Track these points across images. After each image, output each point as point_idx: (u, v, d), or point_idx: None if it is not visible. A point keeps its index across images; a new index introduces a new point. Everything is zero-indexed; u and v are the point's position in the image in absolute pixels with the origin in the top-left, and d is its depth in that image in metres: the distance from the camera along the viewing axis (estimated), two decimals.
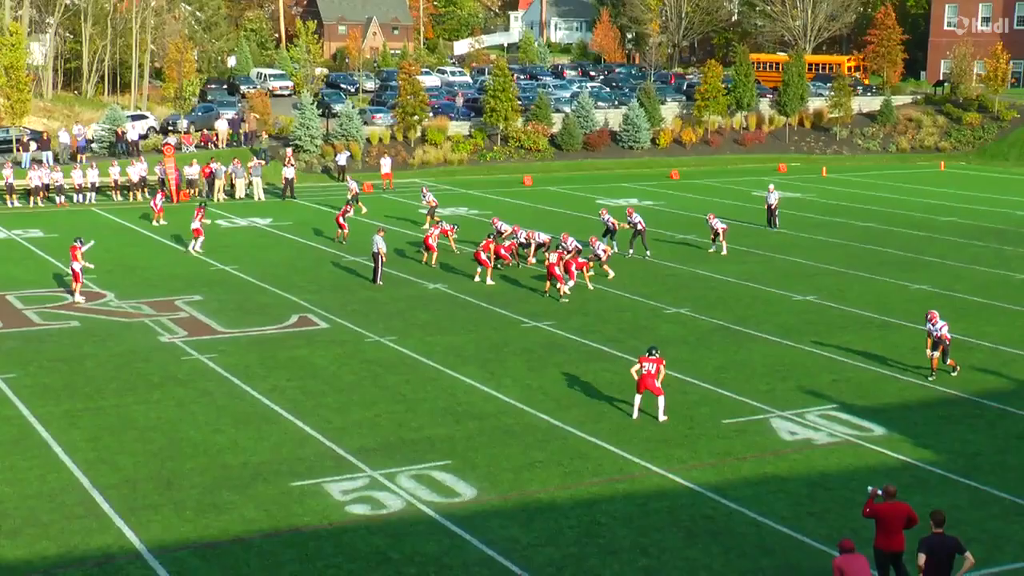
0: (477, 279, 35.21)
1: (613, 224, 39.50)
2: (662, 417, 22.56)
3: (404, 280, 35.77)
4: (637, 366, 22.64)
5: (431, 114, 68.28)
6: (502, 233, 38.79)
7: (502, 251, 36.99)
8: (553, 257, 28.61)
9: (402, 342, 28.37)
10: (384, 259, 35.08)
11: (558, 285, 31.26)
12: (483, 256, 35.38)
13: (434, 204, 44.49)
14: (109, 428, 22.03)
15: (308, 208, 52.14)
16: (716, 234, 39.67)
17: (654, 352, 22.63)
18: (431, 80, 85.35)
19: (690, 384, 25.06)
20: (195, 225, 40.06)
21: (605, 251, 35.94)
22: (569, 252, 34.63)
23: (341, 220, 41.79)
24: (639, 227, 39.15)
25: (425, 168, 64.23)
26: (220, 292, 33.98)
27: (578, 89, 79.08)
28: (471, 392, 24.49)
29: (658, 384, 22.46)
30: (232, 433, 21.82)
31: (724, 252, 39.31)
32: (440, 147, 65.80)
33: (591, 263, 35.57)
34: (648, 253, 39.29)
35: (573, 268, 30.42)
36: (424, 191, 45.82)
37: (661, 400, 22.65)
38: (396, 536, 17.42)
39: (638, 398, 22.76)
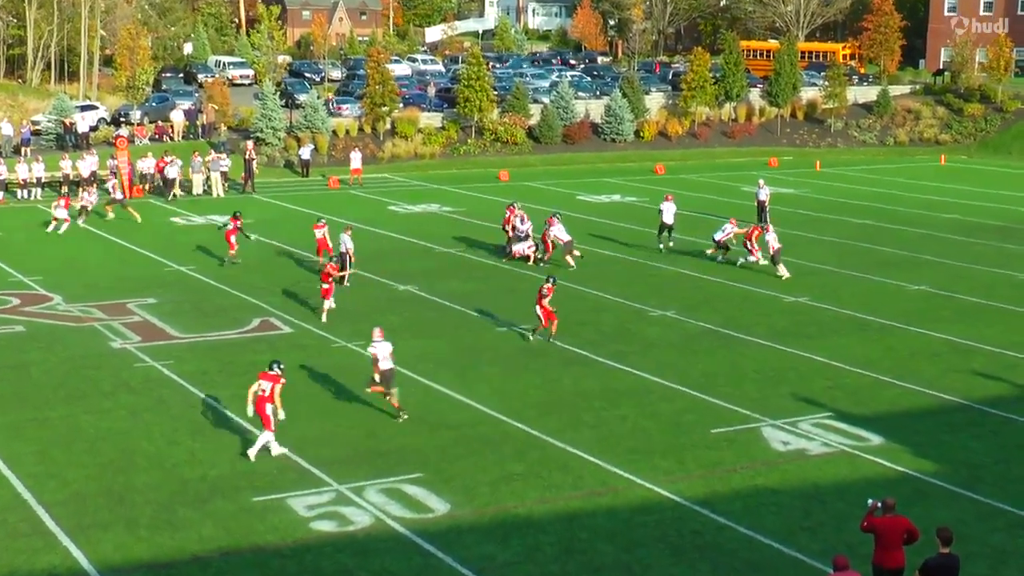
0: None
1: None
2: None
3: (372, 281, 35.71)
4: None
5: (401, 105, 68.12)
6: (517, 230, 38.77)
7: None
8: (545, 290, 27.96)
9: (367, 345, 28.21)
10: (352, 259, 34.99)
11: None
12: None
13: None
14: (56, 440, 21.89)
15: (270, 205, 51.97)
16: (722, 247, 38.78)
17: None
18: (401, 69, 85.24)
19: (676, 391, 25.10)
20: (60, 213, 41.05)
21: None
22: (521, 238, 37.64)
23: (232, 239, 37.81)
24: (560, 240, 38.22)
25: (395, 162, 64.17)
26: (176, 294, 33.83)
27: (557, 79, 79.10)
28: (444, 400, 24.46)
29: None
30: (189, 445, 21.71)
31: (783, 274, 36.14)
32: (411, 140, 65.74)
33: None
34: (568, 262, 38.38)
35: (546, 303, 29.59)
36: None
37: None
38: (364, 554, 17.38)
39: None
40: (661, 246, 39.78)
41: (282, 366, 21.64)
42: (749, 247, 37.40)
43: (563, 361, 27.40)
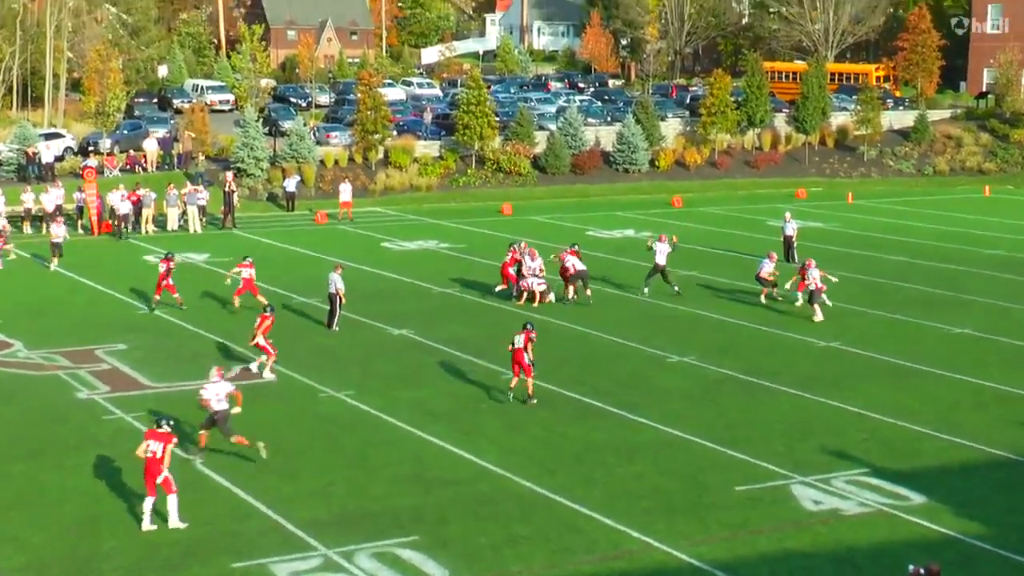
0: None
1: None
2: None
3: (364, 324, 35.72)
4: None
5: (395, 132, 68.38)
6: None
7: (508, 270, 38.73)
8: (520, 340, 27.68)
9: (361, 397, 28.29)
10: (343, 300, 35.04)
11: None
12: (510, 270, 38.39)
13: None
14: (16, 500, 21.83)
15: (251, 241, 52.07)
16: (769, 281, 38.74)
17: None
18: (395, 93, 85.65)
19: (697, 444, 25.04)
20: None
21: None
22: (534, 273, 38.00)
23: (168, 281, 37.35)
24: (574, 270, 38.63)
25: (388, 195, 64.32)
26: (148, 339, 33.83)
27: (565, 103, 79.45)
28: (442, 455, 24.41)
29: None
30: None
31: (817, 316, 36.36)
32: (406, 170, 65.94)
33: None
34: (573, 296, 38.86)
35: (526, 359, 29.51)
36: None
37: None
38: None
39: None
40: (647, 290, 39.59)
41: (171, 423, 21.35)
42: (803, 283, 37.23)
43: (572, 412, 27.35)
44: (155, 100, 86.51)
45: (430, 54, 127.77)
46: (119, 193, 53.44)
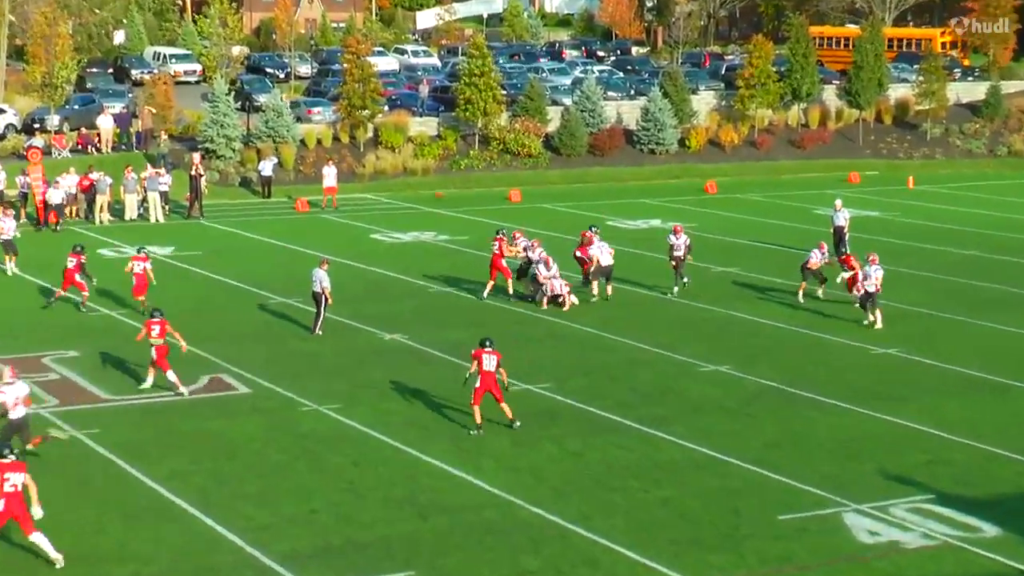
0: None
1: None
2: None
3: (351, 328, 35.79)
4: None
5: (386, 108, 68.48)
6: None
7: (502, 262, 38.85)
8: (491, 362, 27.30)
9: (348, 411, 28.35)
10: (329, 301, 35.11)
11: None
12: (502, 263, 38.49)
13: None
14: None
15: (221, 233, 52.19)
16: (817, 275, 38.87)
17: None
18: (386, 62, 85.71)
19: (732, 465, 25.07)
20: None
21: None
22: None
23: (77, 277, 37.95)
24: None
25: (379, 179, 64.40)
26: (103, 346, 33.89)
27: (581, 74, 79.51)
28: (439, 477, 24.47)
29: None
30: (119, 534, 21.73)
31: (877, 323, 36.07)
32: (399, 151, 66.03)
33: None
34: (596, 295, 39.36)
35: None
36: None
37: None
38: None
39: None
40: (676, 288, 39.75)
41: (16, 451, 21.28)
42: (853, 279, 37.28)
43: (588, 428, 27.39)
44: (110, 70, 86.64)
45: (427, 18, 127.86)
46: (70, 177, 53.60)
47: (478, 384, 26.72)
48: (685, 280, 39.81)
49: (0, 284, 41.65)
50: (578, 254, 40.06)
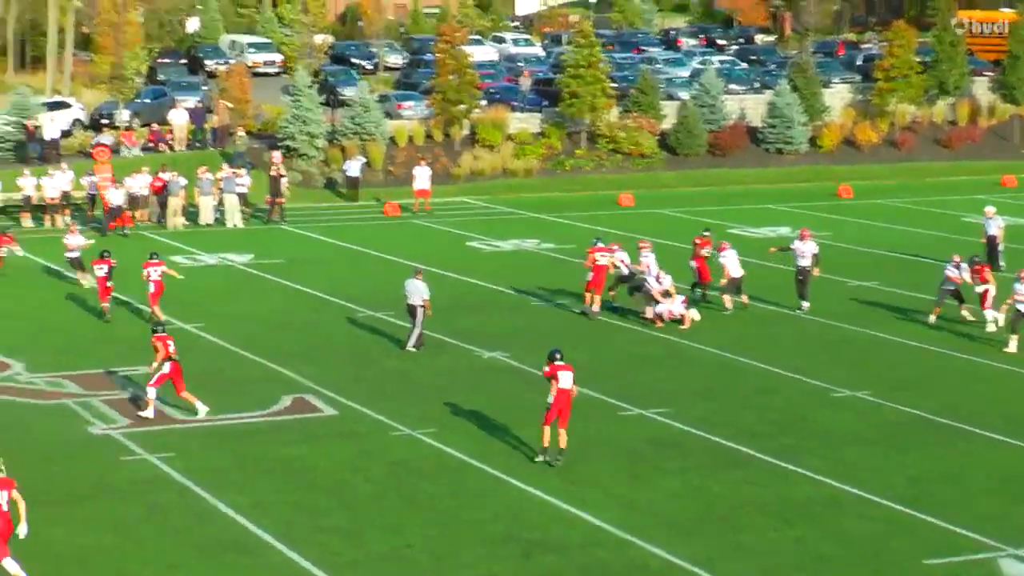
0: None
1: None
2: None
3: (447, 345, 35.88)
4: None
5: (484, 102, 68.63)
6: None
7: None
8: (568, 379, 27.20)
9: (444, 437, 28.42)
10: (428, 313, 35.29)
11: None
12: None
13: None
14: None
15: (304, 239, 52.57)
16: (956, 296, 38.49)
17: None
18: (484, 52, 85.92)
19: (874, 504, 24.83)
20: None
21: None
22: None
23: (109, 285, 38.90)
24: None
25: (475, 181, 64.54)
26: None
27: (700, 66, 79.23)
28: (545, 511, 24.44)
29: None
30: (194, 569, 21.93)
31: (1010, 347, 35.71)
32: (497, 150, 66.14)
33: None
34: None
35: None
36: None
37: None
38: None
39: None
40: (806, 305, 39.51)
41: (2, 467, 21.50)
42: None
43: (712, 460, 27.25)
44: (183, 61, 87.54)
45: (528, 3, 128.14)
46: (141, 177, 54.22)
47: (552, 401, 26.48)
48: (804, 305, 39.55)
49: (67, 297, 42.19)
50: (694, 264, 40.12)
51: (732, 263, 39.33)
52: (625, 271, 39.70)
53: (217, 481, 25.73)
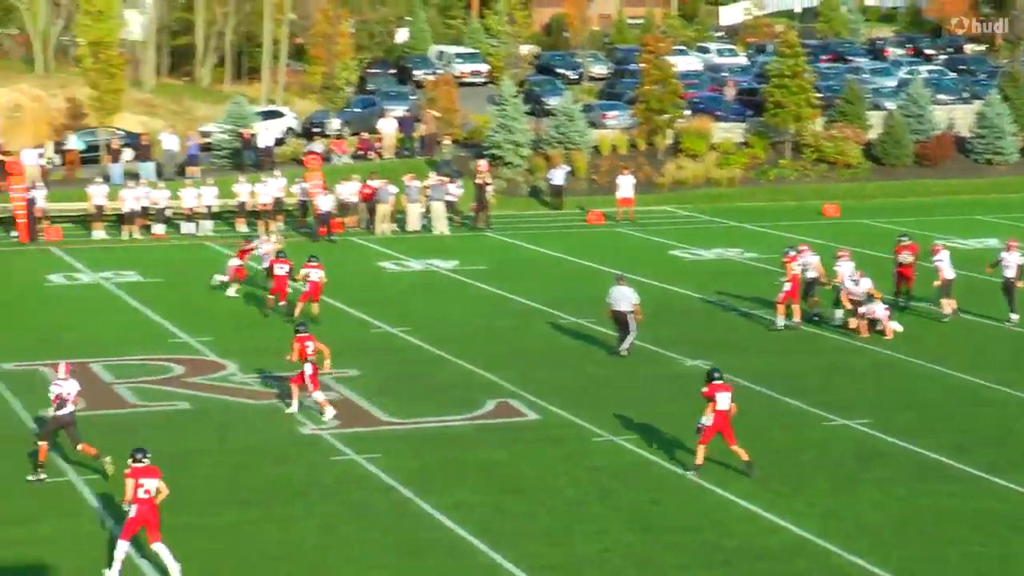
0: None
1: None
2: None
3: (648, 352, 35.83)
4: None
5: (688, 112, 68.45)
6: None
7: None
8: (725, 400, 26.96)
9: (645, 443, 28.41)
10: (639, 318, 35.33)
11: None
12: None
13: None
14: (226, 554, 22.76)
15: (509, 245, 52.89)
16: None
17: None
18: (688, 62, 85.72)
19: None
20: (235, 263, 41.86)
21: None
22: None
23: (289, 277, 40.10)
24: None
25: (678, 190, 64.37)
26: (384, 365, 34.79)
27: (907, 75, 78.02)
28: (747, 520, 24.31)
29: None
30: (399, 569, 22.20)
31: None
32: (701, 160, 65.90)
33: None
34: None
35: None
36: None
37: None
38: None
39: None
40: (1014, 316, 38.67)
41: (149, 454, 22.28)
42: None
43: (916, 470, 26.84)
44: (392, 71, 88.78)
45: (732, 13, 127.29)
46: (350, 184, 55.10)
47: (710, 423, 26.26)
48: (1012, 316, 38.70)
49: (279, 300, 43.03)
50: (897, 271, 39.75)
51: (946, 265, 38.90)
52: (812, 275, 39.21)
53: (421, 482, 26.01)
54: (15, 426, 29.34)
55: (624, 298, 35.24)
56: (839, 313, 38.41)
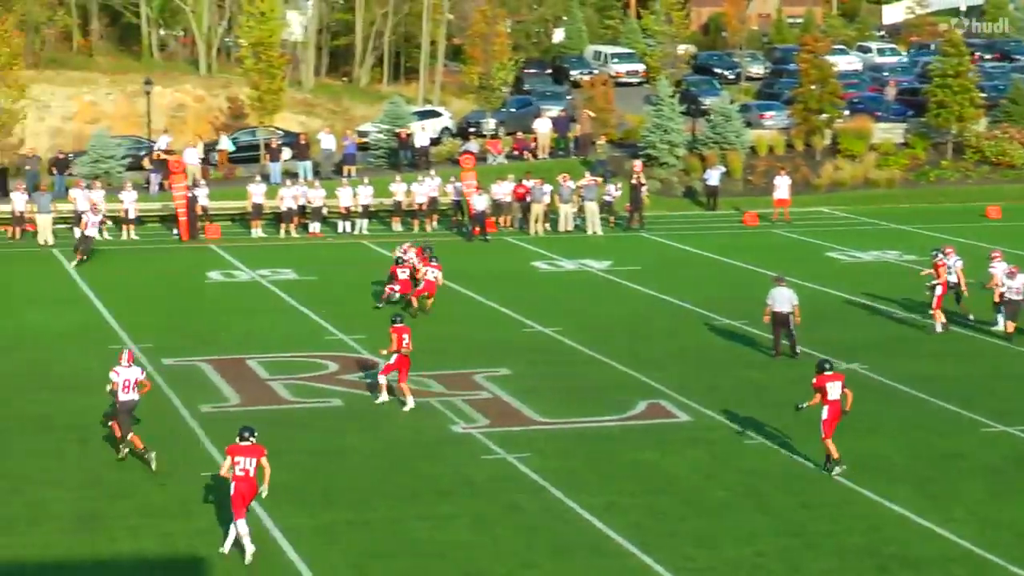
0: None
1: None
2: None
3: (803, 355, 35.44)
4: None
5: (847, 112, 67.77)
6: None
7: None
8: (836, 389, 27.06)
9: (799, 446, 28.14)
10: (797, 320, 35.09)
11: None
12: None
13: None
14: (379, 551, 22.93)
15: (663, 246, 52.77)
16: None
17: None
18: (848, 62, 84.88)
19: None
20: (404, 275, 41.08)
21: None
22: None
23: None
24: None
25: (836, 191, 63.77)
26: (536, 364, 34.89)
27: None
28: (903, 525, 24.01)
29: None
30: (549, 569, 22.22)
31: None
32: (860, 160, 65.22)
33: None
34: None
35: None
36: None
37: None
38: None
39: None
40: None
41: (255, 434, 22.93)
42: None
43: None
44: (548, 71, 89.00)
45: (894, 12, 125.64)
46: (505, 184, 55.30)
47: (826, 416, 26.50)
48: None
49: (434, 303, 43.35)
50: None
51: None
52: (952, 279, 38.58)
53: (571, 482, 26.02)
54: (174, 421, 29.87)
55: (784, 299, 35.02)
56: (1001, 319, 37.75)
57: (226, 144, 63.62)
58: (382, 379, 31.25)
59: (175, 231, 53.47)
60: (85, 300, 42.38)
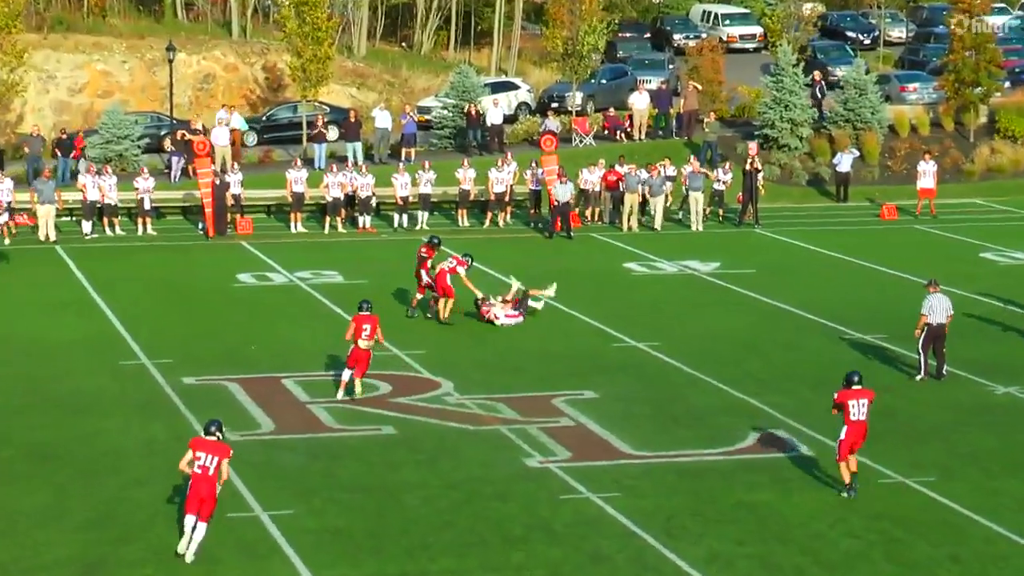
0: None
1: None
2: None
3: (955, 376, 35.27)
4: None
5: (1007, 84, 67.19)
6: None
7: None
8: (861, 409, 27.08)
9: (944, 487, 27.91)
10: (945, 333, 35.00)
11: None
12: None
13: None
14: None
15: (782, 244, 52.51)
16: None
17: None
18: (1009, 23, 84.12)
19: None
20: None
21: None
22: None
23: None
24: None
25: (993, 178, 63.38)
26: (627, 386, 34.79)
27: None
28: None
29: None
30: None
31: None
32: (1022, 143, 64.60)
33: None
34: None
35: None
36: None
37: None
38: None
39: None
40: None
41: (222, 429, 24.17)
42: None
43: None
44: (647, 35, 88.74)
45: None
46: (596, 171, 55.00)
47: (843, 436, 27.26)
48: None
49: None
50: None
51: None
52: None
53: (668, 527, 25.88)
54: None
55: (942, 309, 34.85)
56: None
57: (238, 123, 62.69)
58: (345, 374, 32.59)
59: (200, 225, 53.66)
60: (93, 306, 42.73)
